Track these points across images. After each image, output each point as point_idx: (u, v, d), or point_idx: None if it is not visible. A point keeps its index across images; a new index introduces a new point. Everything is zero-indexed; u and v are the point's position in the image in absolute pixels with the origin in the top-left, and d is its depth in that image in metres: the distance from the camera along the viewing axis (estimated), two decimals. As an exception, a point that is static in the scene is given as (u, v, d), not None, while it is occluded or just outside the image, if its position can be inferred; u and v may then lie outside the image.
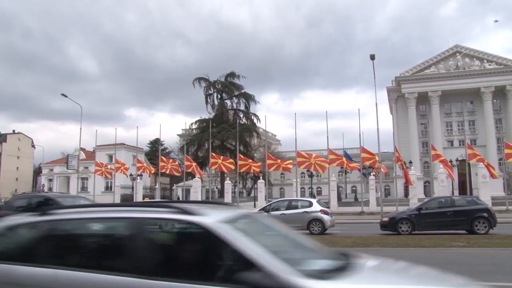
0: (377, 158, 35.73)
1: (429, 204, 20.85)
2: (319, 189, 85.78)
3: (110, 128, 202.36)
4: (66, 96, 45.58)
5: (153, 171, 47.94)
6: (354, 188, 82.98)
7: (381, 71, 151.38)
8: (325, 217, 20.00)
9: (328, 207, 21.83)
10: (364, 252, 13.19)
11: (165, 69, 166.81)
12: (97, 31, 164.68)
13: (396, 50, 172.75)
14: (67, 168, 52.86)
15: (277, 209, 21.03)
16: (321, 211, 20.19)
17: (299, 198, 30.34)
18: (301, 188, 63.88)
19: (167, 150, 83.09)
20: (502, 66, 68.71)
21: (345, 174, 67.47)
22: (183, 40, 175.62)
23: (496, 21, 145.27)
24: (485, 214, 19.13)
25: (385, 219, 19.89)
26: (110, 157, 60.36)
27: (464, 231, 18.94)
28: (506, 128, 68.06)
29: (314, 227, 19.74)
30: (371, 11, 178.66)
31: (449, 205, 20.05)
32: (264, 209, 21.28)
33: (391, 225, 19.33)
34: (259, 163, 44.58)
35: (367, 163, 38.11)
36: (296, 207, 20.98)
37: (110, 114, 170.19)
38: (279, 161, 40.88)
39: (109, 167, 46.00)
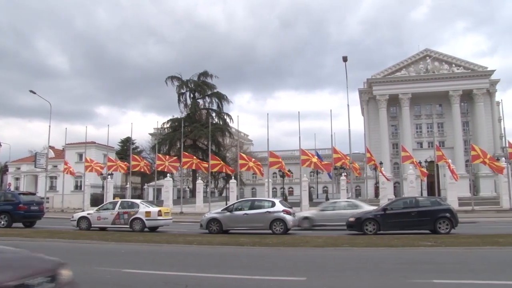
0: (347, 159, 36.11)
1: (394, 204, 21.12)
2: (291, 189, 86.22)
3: (80, 126, 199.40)
4: (34, 93, 44.64)
5: (125, 168, 47.29)
6: (325, 188, 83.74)
7: (354, 73, 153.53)
8: (288, 217, 20.08)
9: (291, 207, 21.90)
10: (335, 251, 13.34)
11: (137, 67, 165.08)
12: (68, 26, 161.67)
13: (368, 52, 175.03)
14: (35, 167, 51.71)
15: (240, 209, 21.05)
16: (283, 211, 20.25)
17: (262, 198, 30.43)
18: (273, 188, 64.06)
19: (138, 149, 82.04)
20: (469, 71, 70.35)
21: (317, 174, 67.96)
22: (157, 38, 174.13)
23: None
24: (447, 215, 19.45)
25: (352, 219, 20.02)
26: (80, 155, 59.26)
27: (427, 231, 19.29)
28: (473, 131, 69.78)
29: (277, 227, 19.82)
30: (344, 13, 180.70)
31: (414, 206, 20.33)
32: (227, 209, 21.35)
33: (357, 225, 19.54)
34: (232, 168, 44.58)
35: (339, 164, 38.51)
36: (259, 207, 20.95)
37: (81, 112, 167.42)
38: (252, 159, 40.97)
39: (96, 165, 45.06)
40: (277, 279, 8.72)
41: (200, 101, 70.44)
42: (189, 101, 69.27)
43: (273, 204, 20.78)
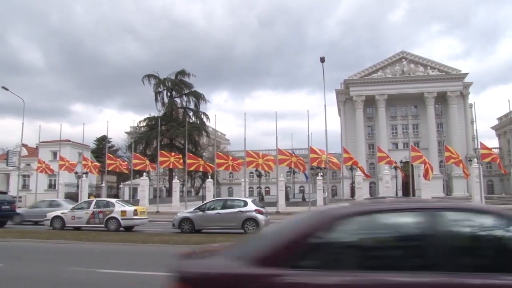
0: (324, 159, 36.37)
1: None
2: (267, 188, 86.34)
3: (55, 124, 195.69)
4: (6, 89, 43.72)
5: (98, 169, 46.72)
6: (302, 188, 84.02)
7: (332, 73, 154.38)
8: (260, 217, 20.13)
9: (263, 207, 21.96)
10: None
11: (114, 64, 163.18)
12: (43, 22, 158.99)
13: (346, 53, 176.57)
14: (7, 165, 50.54)
15: (213, 209, 21.06)
16: (255, 210, 20.31)
17: (234, 197, 30.52)
18: (249, 188, 64.17)
19: (114, 148, 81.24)
20: (444, 73, 71.68)
21: (293, 174, 68.29)
22: (134, 36, 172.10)
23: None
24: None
25: None
26: (54, 154, 58.26)
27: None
28: (447, 132, 71.16)
29: (249, 226, 19.86)
30: (323, 13, 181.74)
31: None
32: (199, 208, 21.33)
33: None
34: (211, 164, 44.44)
35: (315, 163, 38.73)
36: (231, 207, 21.01)
37: (55, 109, 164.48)
38: (230, 158, 40.96)
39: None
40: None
41: (177, 100, 70.04)
42: (166, 100, 68.83)
43: (246, 204, 20.84)
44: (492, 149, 38.24)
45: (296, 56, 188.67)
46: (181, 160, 43.24)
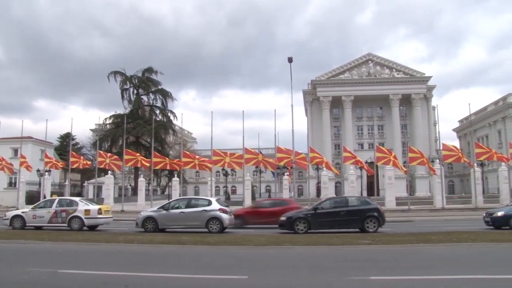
0: (293, 153, 36.59)
1: (325, 204, 21.39)
2: (234, 188, 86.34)
3: (16, 120, 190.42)
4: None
5: (60, 167, 45.65)
6: (268, 187, 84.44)
7: (300, 74, 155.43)
8: (224, 216, 20.10)
9: (227, 206, 21.96)
10: (277, 250, 13.47)
11: (80, 60, 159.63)
12: (4, 14, 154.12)
13: (315, 53, 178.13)
14: (-36, 162, 48.88)
15: (177, 208, 20.90)
16: (220, 210, 20.26)
17: (199, 196, 30.41)
18: (216, 187, 63.99)
19: (78, 145, 79.62)
20: (408, 76, 73.26)
21: (260, 173, 68.42)
22: (101, 31, 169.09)
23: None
24: (375, 214, 19.95)
25: (283, 218, 20.21)
26: (16, 151, 56.57)
27: (357, 229, 19.70)
28: (411, 133, 72.87)
29: (213, 225, 19.82)
30: (292, 14, 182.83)
31: (343, 205, 20.72)
32: (163, 207, 21.15)
33: (288, 224, 19.71)
34: (176, 160, 44.06)
35: (282, 163, 38.93)
36: (195, 206, 20.88)
37: (17, 104, 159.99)
38: (197, 156, 40.77)
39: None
40: (220, 278, 8.71)
41: (144, 98, 69.24)
42: (132, 97, 67.95)
43: (210, 203, 20.77)
44: (455, 148, 39.06)
45: (265, 56, 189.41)
46: (147, 159, 42.79)
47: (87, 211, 21.22)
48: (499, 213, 20.30)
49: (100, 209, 21.75)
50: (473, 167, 40.35)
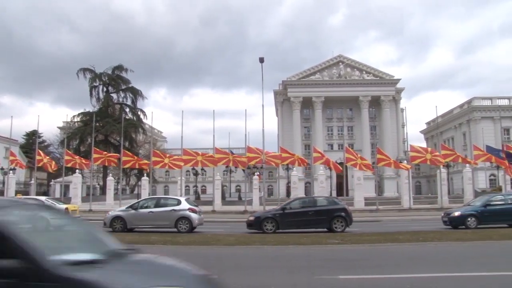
0: (262, 157, 36.66)
1: (293, 204, 21.50)
2: (204, 187, 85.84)
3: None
4: None
5: (25, 166, 44.63)
6: (238, 187, 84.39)
7: (272, 74, 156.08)
8: (193, 216, 20.01)
9: (197, 206, 21.86)
10: (246, 250, 13.47)
11: (48, 55, 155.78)
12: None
13: (286, 54, 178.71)
14: None
15: (146, 207, 20.73)
16: (189, 209, 20.16)
17: (168, 196, 30.19)
18: (186, 186, 63.62)
19: (45, 143, 77.80)
20: (378, 78, 74.41)
21: (230, 173, 68.35)
22: (70, 26, 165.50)
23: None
24: (342, 214, 20.10)
25: (251, 218, 20.30)
26: (-22, 148, 55.13)
27: (325, 229, 19.83)
28: (380, 135, 74.04)
29: (182, 225, 19.70)
30: (265, 14, 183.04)
31: (311, 205, 20.93)
32: (132, 207, 20.95)
33: (257, 224, 19.75)
34: (144, 161, 43.61)
35: (253, 162, 38.97)
36: (164, 205, 20.75)
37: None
38: (167, 155, 40.43)
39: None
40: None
41: (114, 96, 68.22)
42: (102, 95, 66.83)
43: (179, 203, 20.64)
44: (422, 149, 39.78)
45: (237, 56, 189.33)
46: (116, 158, 42.24)
47: None
48: (456, 213, 20.77)
49: (67, 208, 21.38)
50: (442, 164, 41.04)
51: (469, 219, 20.07)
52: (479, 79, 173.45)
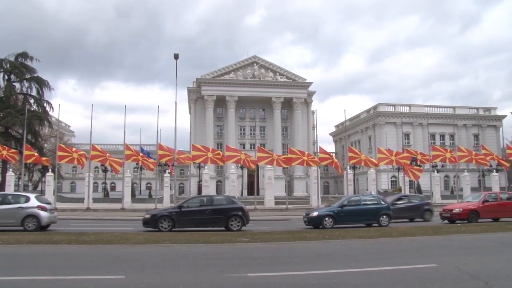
0: (173, 156, 36.24)
1: (190, 202, 21.55)
2: (113, 184, 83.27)
3: None
4: None
5: None
6: (149, 184, 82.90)
7: (186, 71, 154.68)
8: (42, 214, 19.38)
9: (49, 203, 21.16)
10: (155, 248, 13.24)
11: None
12: None
13: (202, 51, 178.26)
14: None
15: None
16: (38, 207, 19.48)
17: (14, 192, 28.95)
18: (94, 183, 61.38)
19: None
20: (291, 81, 76.30)
21: (140, 170, 66.96)
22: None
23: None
24: (239, 213, 20.41)
25: (147, 216, 20.08)
26: None
27: (222, 228, 20.14)
28: (291, 136, 76.07)
29: (29, 223, 19.07)
30: (182, 9, 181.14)
31: (209, 204, 21.04)
32: None
33: (152, 222, 19.59)
34: (46, 158, 41.47)
35: (164, 160, 38.41)
36: (10, 202, 19.92)
37: None
38: (74, 150, 38.72)
39: None
40: (94, 278, 8.31)
41: (17, 85, 63.81)
42: (2, 84, 62.28)
43: (28, 200, 19.84)
44: (331, 154, 41.43)
45: (152, 50, 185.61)
46: (17, 154, 39.75)
47: None
48: (314, 214, 21.69)
49: None
50: (341, 173, 42.89)
51: (326, 219, 21.02)
52: (385, 86, 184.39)
